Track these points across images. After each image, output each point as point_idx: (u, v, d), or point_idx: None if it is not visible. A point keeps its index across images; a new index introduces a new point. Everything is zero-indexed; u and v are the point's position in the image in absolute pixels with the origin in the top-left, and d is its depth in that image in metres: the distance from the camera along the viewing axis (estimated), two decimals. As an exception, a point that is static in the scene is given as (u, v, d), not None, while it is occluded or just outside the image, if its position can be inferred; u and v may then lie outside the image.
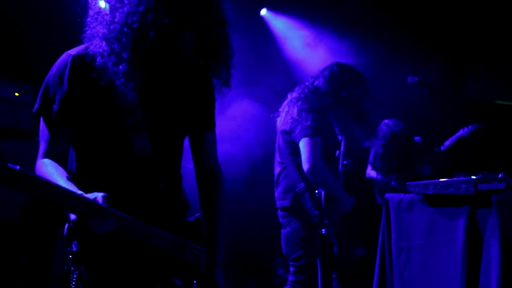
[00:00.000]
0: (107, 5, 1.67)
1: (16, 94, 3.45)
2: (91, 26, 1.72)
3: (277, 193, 3.44)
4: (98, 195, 1.56)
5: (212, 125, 2.02)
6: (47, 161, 1.73)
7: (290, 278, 3.31)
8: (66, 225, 1.67)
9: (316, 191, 3.20)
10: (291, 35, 5.80)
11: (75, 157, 1.84)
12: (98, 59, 1.68)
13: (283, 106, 3.49)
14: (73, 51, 1.77)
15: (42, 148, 1.77)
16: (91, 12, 1.74)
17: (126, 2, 1.61)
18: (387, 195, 2.71)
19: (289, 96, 3.47)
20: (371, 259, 2.86)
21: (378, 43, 5.44)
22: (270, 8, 5.92)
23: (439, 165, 4.69)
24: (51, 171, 1.68)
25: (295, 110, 3.30)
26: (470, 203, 2.30)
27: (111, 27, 1.62)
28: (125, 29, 1.60)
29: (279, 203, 3.41)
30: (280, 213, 3.41)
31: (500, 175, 2.39)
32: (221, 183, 2.04)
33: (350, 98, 3.34)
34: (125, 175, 1.79)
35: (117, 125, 1.77)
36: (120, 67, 1.62)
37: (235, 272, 5.45)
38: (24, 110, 3.47)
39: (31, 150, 3.58)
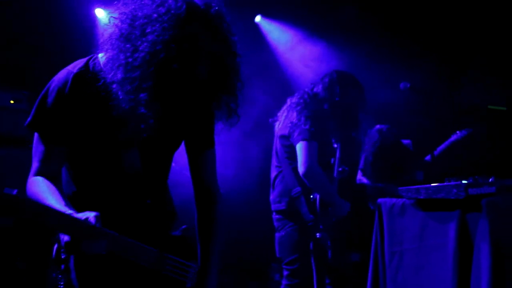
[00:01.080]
0: (122, 31, 1.63)
1: (12, 101, 3.47)
2: (106, 48, 1.68)
3: (273, 196, 3.46)
4: (90, 215, 1.53)
5: (211, 143, 1.98)
6: (39, 178, 1.69)
7: (284, 282, 3.32)
8: (55, 246, 1.67)
9: (312, 196, 3.22)
10: (285, 41, 5.84)
11: (68, 174, 1.82)
12: (106, 80, 1.67)
13: (282, 111, 3.53)
14: (74, 68, 1.74)
15: (35, 165, 1.73)
16: (106, 35, 1.69)
17: (148, 30, 1.56)
18: (379, 200, 2.73)
19: (289, 101, 3.51)
20: (365, 264, 2.88)
21: (371, 48, 5.48)
22: (264, 15, 5.96)
23: (432, 170, 4.72)
24: (43, 189, 1.65)
25: (294, 114, 3.34)
26: (461, 207, 2.33)
27: (135, 55, 1.58)
28: (149, 58, 1.56)
29: (274, 207, 3.44)
30: (275, 216, 3.43)
31: (490, 180, 2.43)
32: (219, 203, 2.00)
33: (345, 106, 3.38)
34: (114, 191, 1.78)
35: (108, 142, 1.76)
36: (141, 95, 1.59)
37: (231, 277, 5.46)
38: (19, 117, 3.49)
39: (26, 157, 3.60)
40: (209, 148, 1.98)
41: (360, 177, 5.03)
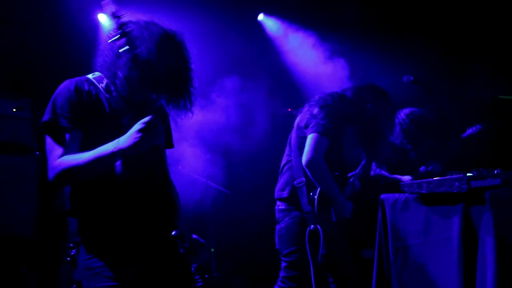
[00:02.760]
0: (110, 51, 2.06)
1: (14, 110, 3.49)
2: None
3: (278, 185, 3.45)
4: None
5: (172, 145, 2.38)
6: (68, 156, 1.91)
7: (281, 273, 3.30)
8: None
9: (311, 193, 3.20)
10: (288, 39, 5.81)
11: None
12: (104, 82, 2.07)
13: (306, 105, 3.52)
14: (74, 78, 2.05)
15: (56, 153, 1.92)
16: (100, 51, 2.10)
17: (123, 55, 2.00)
18: (382, 196, 2.70)
19: (316, 97, 3.50)
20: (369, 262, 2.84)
21: (376, 42, 5.43)
22: (267, 13, 5.94)
23: (448, 162, 4.62)
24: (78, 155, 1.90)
25: (316, 108, 3.33)
26: (464, 200, 2.29)
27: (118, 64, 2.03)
28: (125, 66, 2.01)
29: (277, 194, 3.42)
30: (277, 206, 3.41)
31: (496, 171, 2.38)
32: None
33: (374, 115, 3.37)
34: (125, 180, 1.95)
35: (117, 125, 1.99)
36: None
37: (242, 279, 5.45)
38: (22, 125, 3.51)
39: (28, 165, 3.64)
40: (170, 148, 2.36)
41: (375, 168, 4.95)
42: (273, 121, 5.36)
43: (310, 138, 3.21)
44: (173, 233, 1.95)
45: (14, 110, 3.46)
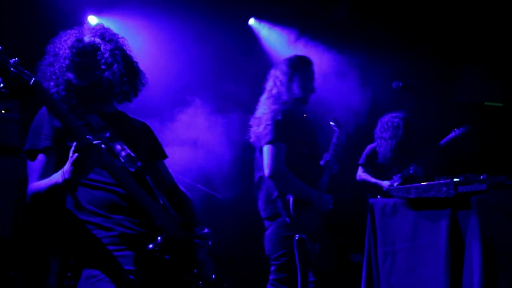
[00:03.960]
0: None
1: (3, 111, 3.48)
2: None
3: (259, 202, 3.45)
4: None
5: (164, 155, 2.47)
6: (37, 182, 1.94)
7: (271, 277, 3.31)
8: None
9: (286, 197, 3.19)
10: (279, 43, 5.84)
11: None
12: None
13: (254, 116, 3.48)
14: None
15: (34, 177, 1.97)
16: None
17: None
18: (371, 200, 2.72)
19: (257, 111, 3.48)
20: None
21: (367, 46, 5.47)
22: (258, 18, 5.96)
23: (430, 166, 4.68)
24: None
25: (262, 123, 3.31)
26: (451, 205, 2.32)
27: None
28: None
29: (262, 214, 3.44)
30: (264, 221, 3.44)
31: (482, 177, 2.42)
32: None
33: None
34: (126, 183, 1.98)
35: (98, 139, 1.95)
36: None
37: (230, 283, 5.45)
38: (10, 127, 3.50)
39: (18, 166, 3.61)
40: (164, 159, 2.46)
41: (360, 173, 4.97)
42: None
43: (265, 150, 3.18)
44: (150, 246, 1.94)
45: (3, 111, 3.45)
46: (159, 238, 1.94)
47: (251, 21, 5.96)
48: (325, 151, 3.52)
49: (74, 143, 1.75)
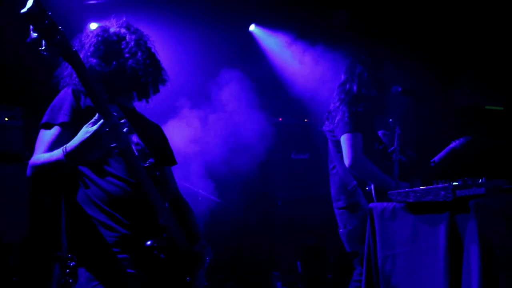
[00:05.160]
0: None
1: (6, 119, 3.51)
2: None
3: (332, 193, 3.54)
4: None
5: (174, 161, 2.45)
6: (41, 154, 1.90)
7: (357, 271, 3.37)
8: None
9: (367, 187, 3.28)
10: (280, 49, 5.87)
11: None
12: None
13: (331, 106, 3.60)
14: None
15: (42, 148, 1.93)
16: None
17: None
18: (371, 205, 2.74)
19: (334, 98, 3.61)
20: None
21: (366, 51, 5.49)
22: (258, 24, 6.00)
23: (431, 177, 4.68)
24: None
25: (338, 110, 3.45)
26: (450, 209, 2.33)
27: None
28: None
29: (335, 204, 3.51)
30: (337, 212, 3.49)
31: (480, 181, 2.43)
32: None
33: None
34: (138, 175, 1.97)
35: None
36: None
37: (231, 287, 5.46)
38: (14, 134, 3.53)
39: (21, 174, 3.64)
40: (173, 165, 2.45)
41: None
42: (264, 130, 5.40)
43: (343, 140, 3.29)
44: None
45: (6, 119, 3.48)
46: (159, 236, 1.96)
47: (252, 27, 6.00)
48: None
49: (97, 115, 1.75)
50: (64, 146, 1.79)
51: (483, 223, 2.19)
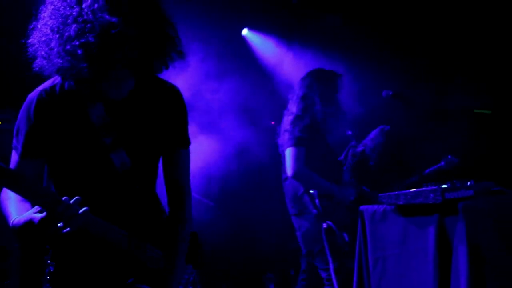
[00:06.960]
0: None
1: (0, 122, 3.51)
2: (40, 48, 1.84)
3: (286, 201, 3.84)
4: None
5: (184, 142, 2.02)
6: (11, 193, 1.77)
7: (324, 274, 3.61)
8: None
9: (311, 191, 3.57)
10: (272, 53, 5.91)
11: (52, 185, 1.91)
12: (65, 84, 1.83)
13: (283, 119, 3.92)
14: (41, 86, 1.89)
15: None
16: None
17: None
18: (361, 207, 2.78)
19: (286, 110, 3.91)
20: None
21: (357, 56, 5.54)
22: (251, 28, 6.03)
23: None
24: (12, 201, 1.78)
25: (288, 123, 3.75)
26: (439, 211, 2.38)
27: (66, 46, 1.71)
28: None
29: (290, 211, 3.81)
30: (292, 218, 3.78)
31: (469, 183, 2.48)
32: (188, 205, 2.04)
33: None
34: (109, 188, 1.86)
35: (96, 148, 1.83)
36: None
37: (228, 285, 5.48)
38: (6, 137, 3.52)
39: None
40: (183, 148, 2.02)
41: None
42: (256, 134, 5.43)
43: (287, 153, 3.61)
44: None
45: (0, 122, 3.48)
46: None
47: (244, 31, 6.03)
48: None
49: (36, 207, 1.65)
50: (13, 218, 1.70)
51: (471, 225, 2.23)
